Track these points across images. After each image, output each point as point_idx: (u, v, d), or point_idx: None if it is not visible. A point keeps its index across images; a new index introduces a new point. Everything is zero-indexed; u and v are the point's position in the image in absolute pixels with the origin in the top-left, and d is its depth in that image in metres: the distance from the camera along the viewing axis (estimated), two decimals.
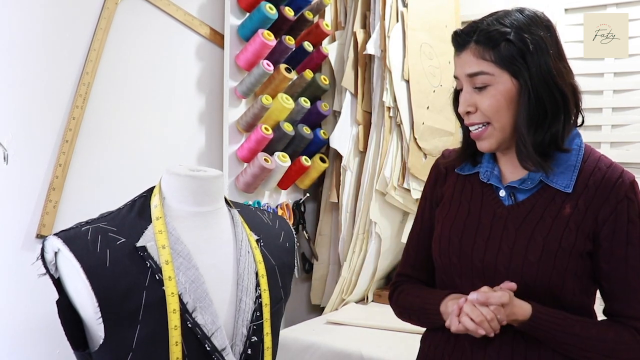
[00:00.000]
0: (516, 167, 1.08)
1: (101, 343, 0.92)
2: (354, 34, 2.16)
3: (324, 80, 2.10)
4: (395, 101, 2.07)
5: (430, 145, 2.16)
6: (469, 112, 1.05)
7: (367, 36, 2.15)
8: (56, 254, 0.94)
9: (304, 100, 2.01)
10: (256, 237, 1.10)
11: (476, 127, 1.06)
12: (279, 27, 1.93)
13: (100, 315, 0.91)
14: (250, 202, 1.91)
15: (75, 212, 1.48)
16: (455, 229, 1.11)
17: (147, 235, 0.97)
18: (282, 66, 1.94)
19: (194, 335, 0.94)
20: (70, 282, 0.94)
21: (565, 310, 1.03)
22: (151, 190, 1.06)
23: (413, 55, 2.13)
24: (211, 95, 1.93)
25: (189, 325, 0.94)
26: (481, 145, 1.07)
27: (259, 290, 1.04)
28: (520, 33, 1.01)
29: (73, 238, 0.94)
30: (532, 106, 1.01)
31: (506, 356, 1.04)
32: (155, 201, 1.02)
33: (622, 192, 1.03)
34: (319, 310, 2.24)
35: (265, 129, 1.88)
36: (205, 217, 1.05)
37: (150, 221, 0.99)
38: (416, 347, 1.22)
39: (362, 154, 2.18)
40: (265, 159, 1.87)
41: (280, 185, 2.07)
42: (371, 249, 2.08)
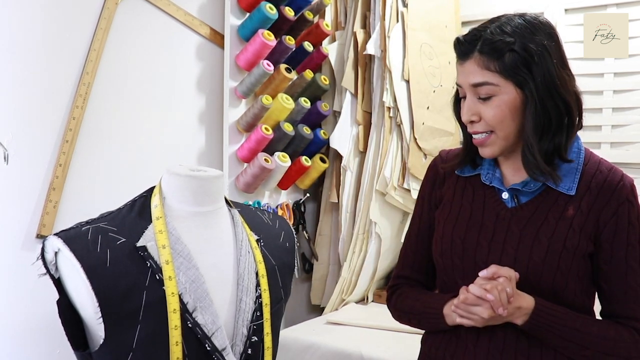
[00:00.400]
0: (518, 169, 1.09)
1: (101, 343, 0.92)
2: (354, 34, 2.16)
3: (324, 80, 2.10)
4: (395, 101, 2.07)
5: (430, 145, 2.16)
6: (472, 121, 1.05)
7: (367, 36, 2.15)
8: (56, 254, 0.94)
9: (304, 101, 2.01)
10: (256, 237, 1.10)
11: (479, 135, 1.06)
12: (279, 27, 1.93)
13: (100, 315, 0.91)
14: (251, 202, 1.91)
15: (75, 212, 1.48)
16: (457, 230, 1.11)
17: (148, 235, 0.97)
18: (282, 66, 1.94)
19: (194, 335, 0.94)
20: (71, 282, 0.94)
21: None
22: (151, 190, 1.06)
23: (413, 55, 2.13)
24: (211, 95, 1.93)
25: (189, 325, 0.94)
26: (484, 152, 1.07)
27: (259, 290, 1.04)
28: (525, 42, 1.00)
29: (73, 238, 0.94)
30: (539, 115, 1.01)
31: (509, 355, 1.04)
32: (155, 201, 1.02)
33: (623, 195, 1.04)
34: (319, 311, 2.24)
35: (266, 129, 1.88)
36: (206, 217, 1.05)
37: (150, 221, 0.99)
38: (416, 347, 1.21)
39: (362, 154, 2.18)
40: (265, 159, 1.87)
41: (281, 185, 2.07)
42: (371, 249, 2.08)
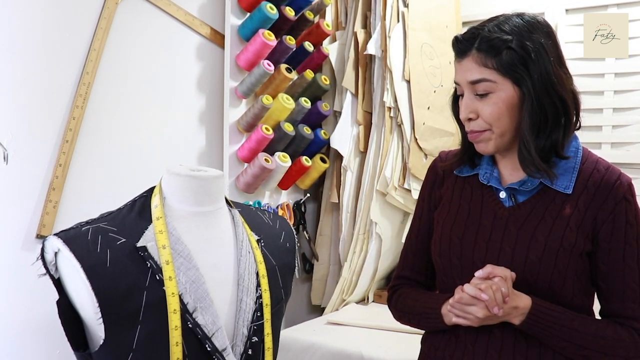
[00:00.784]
0: (515, 169, 1.09)
1: (101, 343, 0.92)
2: (354, 34, 2.16)
3: (324, 80, 2.10)
4: (395, 101, 2.07)
5: (430, 145, 2.16)
6: (470, 118, 1.06)
7: (368, 36, 2.15)
8: (56, 254, 0.94)
9: (305, 101, 2.01)
10: (257, 237, 1.10)
11: (475, 132, 1.07)
12: (279, 27, 1.93)
13: (100, 315, 0.90)
14: (251, 203, 1.91)
15: (75, 212, 1.48)
16: (455, 229, 1.11)
17: (148, 236, 0.97)
18: (283, 66, 1.94)
19: (194, 336, 0.94)
20: (71, 283, 0.94)
21: None
22: (151, 190, 1.06)
23: (414, 55, 2.13)
24: (211, 95, 1.92)
25: (190, 325, 0.93)
26: (479, 148, 1.08)
27: (260, 290, 1.03)
28: (522, 40, 1.01)
29: (73, 238, 0.94)
30: (535, 113, 1.01)
31: (507, 355, 1.04)
32: (155, 201, 1.02)
33: (620, 193, 1.04)
34: (319, 311, 2.24)
35: (266, 129, 1.88)
36: (206, 217, 1.05)
37: (150, 221, 0.99)
38: (416, 347, 1.21)
39: (363, 154, 2.18)
40: (265, 159, 1.87)
41: (281, 185, 2.07)
42: (372, 250, 2.08)
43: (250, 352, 0.99)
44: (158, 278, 0.94)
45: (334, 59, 2.20)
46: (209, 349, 0.94)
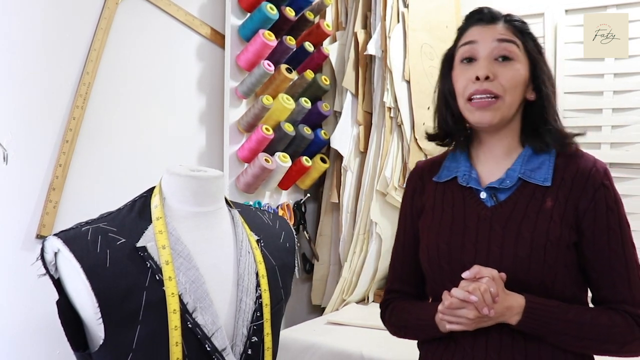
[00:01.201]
0: (493, 168, 1.10)
1: (101, 343, 0.92)
2: (354, 35, 2.16)
3: (324, 80, 2.10)
4: (396, 101, 2.07)
5: (430, 145, 2.14)
6: (487, 77, 1.04)
7: (368, 37, 2.15)
8: (56, 254, 0.94)
9: (305, 101, 2.01)
10: (256, 238, 1.10)
11: (486, 96, 1.05)
12: (279, 27, 1.94)
13: (100, 315, 0.91)
14: (251, 203, 1.91)
15: (75, 212, 1.48)
16: (442, 235, 1.10)
17: (147, 236, 0.97)
18: (283, 66, 1.94)
19: (194, 336, 0.94)
20: (70, 283, 0.94)
21: None
22: (151, 190, 1.06)
23: (414, 55, 2.13)
24: (212, 95, 1.93)
25: (189, 325, 0.94)
26: (482, 116, 1.06)
27: (260, 290, 1.03)
28: (534, 35, 1.11)
29: (73, 238, 0.94)
30: (547, 92, 1.08)
31: (507, 356, 1.03)
32: (155, 201, 1.02)
33: (597, 180, 1.04)
34: (319, 311, 2.24)
35: (266, 129, 1.88)
36: (206, 217, 1.05)
37: (150, 221, 0.99)
38: (416, 347, 1.21)
39: (363, 154, 2.18)
40: (265, 159, 1.87)
41: (281, 185, 2.07)
42: (372, 250, 2.08)
43: (250, 352, 0.99)
44: (158, 278, 0.94)
45: (334, 59, 2.20)
46: (208, 349, 0.94)
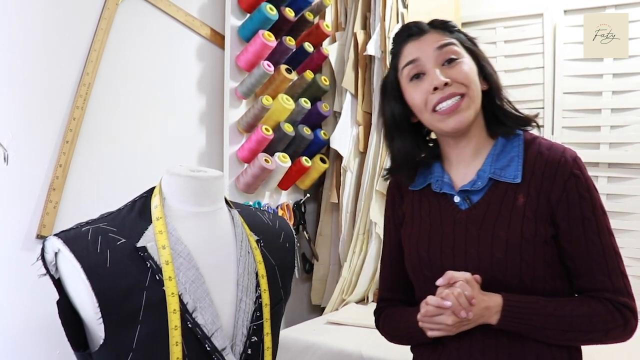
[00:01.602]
0: (465, 170, 1.10)
1: (101, 343, 0.92)
2: (354, 35, 2.17)
3: (324, 81, 2.10)
4: None
5: None
6: (446, 83, 1.04)
7: (368, 37, 2.15)
8: (56, 254, 0.94)
9: (305, 101, 2.02)
10: (256, 238, 1.10)
11: (455, 98, 1.05)
12: (279, 27, 1.94)
13: (100, 315, 0.91)
14: (251, 203, 1.91)
15: (75, 212, 1.49)
16: (421, 243, 1.11)
17: (148, 236, 0.97)
18: (283, 67, 1.94)
19: (194, 336, 0.94)
20: (71, 283, 0.94)
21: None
22: (151, 190, 1.06)
23: None
24: (212, 95, 1.93)
25: (189, 325, 0.94)
26: (457, 120, 1.05)
27: (259, 290, 1.04)
28: (461, 29, 1.15)
29: (73, 238, 0.94)
30: (497, 83, 1.11)
31: (491, 355, 1.04)
32: (155, 201, 1.02)
33: (567, 170, 1.03)
34: (319, 311, 2.24)
35: (266, 129, 1.88)
36: (206, 217, 1.05)
37: (150, 221, 0.99)
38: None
39: (363, 154, 2.18)
40: (265, 160, 1.87)
41: (281, 185, 2.08)
42: (371, 250, 2.08)
43: (249, 351, 1.00)
44: (158, 278, 0.94)
45: (334, 59, 2.20)
46: (208, 348, 0.94)
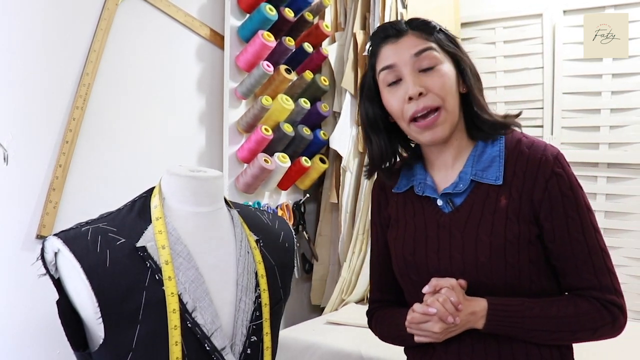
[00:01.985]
0: (447, 172, 1.09)
1: (101, 343, 0.92)
2: (353, 35, 2.17)
3: (323, 81, 2.10)
4: None
5: None
6: (421, 93, 1.02)
7: (367, 37, 2.15)
8: (56, 254, 0.94)
9: (304, 101, 2.02)
10: (256, 238, 1.10)
11: (430, 116, 1.03)
12: (279, 28, 1.94)
13: (100, 315, 0.91)
14: (250, 203, 1.91)
15: (75, 212, 1.49)
16: (406, 248, 1.11)
17: (147, 236, 0.97)
18: (282, 67, 1.94)
19: (193, 335, 0.94)
20: (70, 283, 0.94)
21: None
22: (151, 190, 1.06)
23: None
24: (211, 96, 1.93)
25: (189, 325, 0.94)
26: (433, 134, 1.04)
27: (259, 290, 1.04)
28: (443, 28, 1.09)
29: (73, 238, 0.94)
30: (479, 84, 1.07)
31: (480, 357, 1.04)
32: (155, 201, 1.02)
33: (548, 169, 1.02)
34: (319, 311, 2.24)
35: (265, 129, 1.88)
36: (205, 217, 1.05)
37: (150, 221, 0.99)
38: None
39: (362, 154, 2.18)
40: (265, 160, 1.87)
41: (280, 186, 2.08)
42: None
43: (249, 351, 1.00)
44: (157, 278, 0.94)
45: (333, 59, 2.21)
46: (208, 348, 0.94)
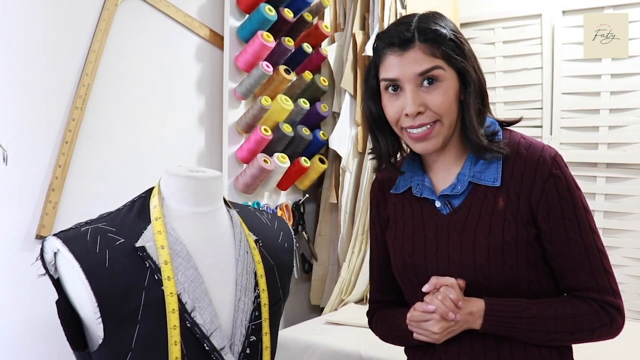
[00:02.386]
0: (445, 174, 1.09)
1: (100, 343, 0.92)
2: (353, 36, 2.17)
3: (323, 81, 2.10)
4: None
5: None
6: (419, 112, 1.01)
7: (366, 38, 2.15)
8: (55, 254, 0.94)
9: (303, 102, 2.02)
10: (255, 238, 1.10)
11: (423, 128, 1.02)
12: (278, 28, 1.94)
13: (99, 315, 0.91)
14: (250, 203, 1.91)
15: (74, 212, 1.49)
16: (405, 249, 1.11)
17: (146, 236, 0.97)
18: (282, 67, 1.94)
19: (192, 335, 0.94)
20: (70, 283, 0.94)
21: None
22: (150, 190, 1.06)
23: None
24: (211, 96, 1.93)
25: (188, 324, 0.94)
26: (426, 146, 1.03)
27: (258, 290, 1.04)
28: (456, 34, 1.03)
29: (72, 238, 0.95)
30: (477, 100, 1.03)
31: (479, 357, 1.04)
32: (154, 202, 1.02)
33: (545, 170, 1.01)
34: (318, 311, 2.24)
35: (265, 130, 1.88)
36: (205, 217, 1.05)
37: (149, 221, 0.99)
38: None
39: (361, 154, 2.18)
40: (264, 160, 1.88)
41: (280, 186, 2.08)
42: None
43: (248, 351, 1.00)
44: (157, 278, 0.94)
45: (333, 60, 2.21)
46: (207, 348, 0.95)
